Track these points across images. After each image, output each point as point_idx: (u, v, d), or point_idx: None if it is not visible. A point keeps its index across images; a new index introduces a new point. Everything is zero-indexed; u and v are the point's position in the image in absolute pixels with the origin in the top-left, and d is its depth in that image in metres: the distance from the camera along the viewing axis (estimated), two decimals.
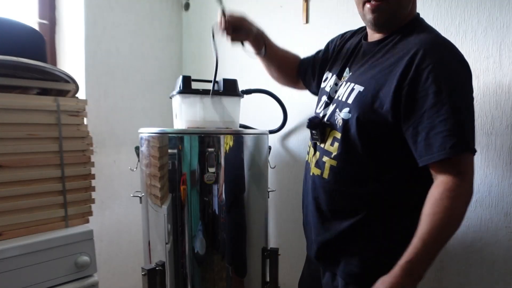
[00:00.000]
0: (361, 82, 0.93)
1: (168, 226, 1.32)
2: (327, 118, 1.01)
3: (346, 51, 1.08)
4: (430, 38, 0.89)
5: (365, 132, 0.90)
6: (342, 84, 1.01)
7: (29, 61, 1.21)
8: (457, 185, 0.81)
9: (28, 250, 1.19)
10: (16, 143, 1.22)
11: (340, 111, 0.96)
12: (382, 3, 0.91)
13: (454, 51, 0.88)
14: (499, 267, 1.21)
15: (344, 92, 0.97)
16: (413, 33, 0.91)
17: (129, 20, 1.96)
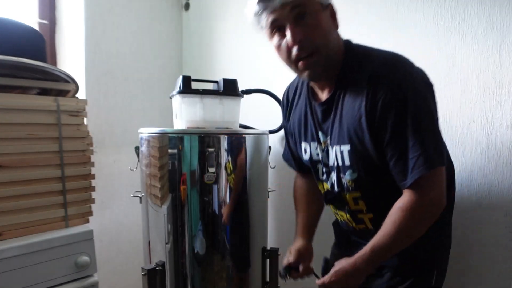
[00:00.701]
0: (344, 141, 0.91)
1: (168, 226, 1.32)
2: (336, 186, 1.00)
3: (305, 118, 1.04)
4: (374, 67, 0.85)
5: (377, 176, 0.91)
6: (326, 149, 0.99)
7: (29, 61, 1.21)
8: (416, 203, 0.83)
9: (28, 250, 1.19)
10: (16, 143, 1.22)
11: (344, 175, 0.95)
12: (312, 57, 0.88)
13: (402, 69, 0.85)
14: (499, 267, 1.21)
15: (335, 156, 0.95)
16: (356, 68, 0.89)
17: (129, 20, 1.96)
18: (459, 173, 1.27)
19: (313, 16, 0.85)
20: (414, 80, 0.83)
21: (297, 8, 0.84)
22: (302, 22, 0.85)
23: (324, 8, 0.87)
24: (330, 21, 0.89)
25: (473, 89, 1.22)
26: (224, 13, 1.99)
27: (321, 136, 0.99)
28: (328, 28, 0.88)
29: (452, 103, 1.27)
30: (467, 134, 1.24)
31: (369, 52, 0.91)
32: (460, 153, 1.26)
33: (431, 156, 0.80)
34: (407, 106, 0.80)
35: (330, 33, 0.89)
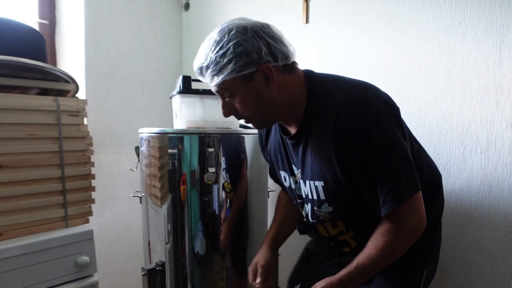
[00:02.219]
0: (317, 177, 0.91)
1: (168, 226, 1.32)
2: (311, 218, 1.00)
3: (279, 149, 1.03)
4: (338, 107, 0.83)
5: (354, 204, 0.92)
6: (300, 182, 0.98)
7: (29, 61, 1.21)
8: (395, 231, 0.85)
9: (28, 250, 1.19)
10: (16, 143, 1.22)
11: (319, 208, 0.95)
12: (248, 122, 0.91)
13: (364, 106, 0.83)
14: (499, 267, 1.21)
15: (309, 190, 0.95)
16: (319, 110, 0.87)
17: (129, 20, 1.96)
18: (459, 173, 1.27)
19: (236, 96, 0.86)
20: (377, 115, 0.82)
21: (221, 90, 0.87)
22: (229, 101, 0.88)
23: (248, 80, 0.83)
24: (261, 88, 0.84)
25: (473, 89, 1.22)
26: (224, 13, 1.99)
27: (294, 168, 0.99)
28: (257, 98, 0.85)
29: (452, 103, 1.27)
30: (467, 134, 1.24)
31: (331, 89, 0.88)
32: (460, 153, 1.26)
33: (401, 190, 0.81)
34: (372, 146, 0.80)
35: (261, 101, 0.86)
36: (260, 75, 0.83)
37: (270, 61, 0.83)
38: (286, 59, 0.86)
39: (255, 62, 0.81)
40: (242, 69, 0.81)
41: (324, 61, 1.58)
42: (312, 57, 1.62)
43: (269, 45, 0.82)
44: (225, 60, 0.81)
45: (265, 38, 0.82)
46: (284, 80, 0.86)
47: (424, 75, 1.32)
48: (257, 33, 0.82)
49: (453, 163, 1.28)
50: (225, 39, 0.82)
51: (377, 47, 1.42)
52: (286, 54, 0.85)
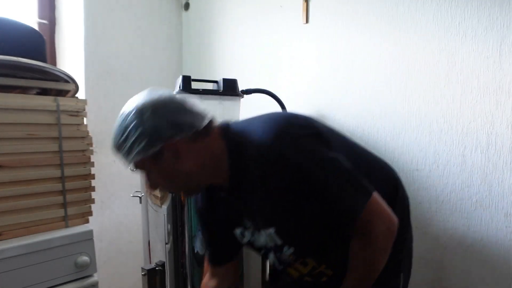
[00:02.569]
0: (266, 224, 0.90)
1: (168, 226, 1.32)
2: (278, 264, 0.98)
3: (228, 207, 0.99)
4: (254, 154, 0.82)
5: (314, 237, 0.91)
6: (254, 233, 0.97)
7: (29, 61, 1.21)
8: (367, 244, 0.84)
9: (28, 250, 1.19)
10: (16, 143, 1.22)
11: (281, 253, 0.93)
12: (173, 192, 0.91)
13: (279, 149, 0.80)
14: (499, 267, 1.20)
15: (266, 239, 0.93)
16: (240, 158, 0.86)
17: (129, 20, 1.96)
18: (459, 173, 1.27)
19: (152, 172, 0.86)
20: (293, 146, 0.80)
21: (137, 168, 0.86)
22: (148, 176, 0.88)
23: (158, 159, 0.83)
24: (173, 163, 0.84)
25: (473, 89, 1.22)
26: (224, 13, 1.98)
27: (246, 222, 0.97)
28: (172, 173, 0.85)
29: (452, 103, 1.27)
30: (467, 134, 1.24)
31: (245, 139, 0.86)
32: (460, 153, 1.26)
33: (352, 203, 0.80)
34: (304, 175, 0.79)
35: (177, 174, 0.86)
36: (169, 151, 0.82)
37: (175, 135, 0.81)
38: (193, 128, 0.83)
39: (158, 140, 0.80)
40: (146, 150, 0.80)
41: (324, 61, 1.58)
42: (312, 57, 1.62)
43: (170, 120, 0.81)
44: (128, 144, 0.81)
45: (165, 115, 0.81)
46: (197, 147, 0.85)
47: (424, 75, 1.32)
48: (156, 111, 0.81)
49: (453, 163, 1.28)
50: (125, 124, 0.82)
51: (377, 47, 1.42)
52: (192, 124, 0.83)
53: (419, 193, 1.35)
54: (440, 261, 1.32)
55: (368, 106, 1.46)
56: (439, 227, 1.32)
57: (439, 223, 1.32)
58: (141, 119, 0.80)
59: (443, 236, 1.31)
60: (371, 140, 1.45)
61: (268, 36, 1.78)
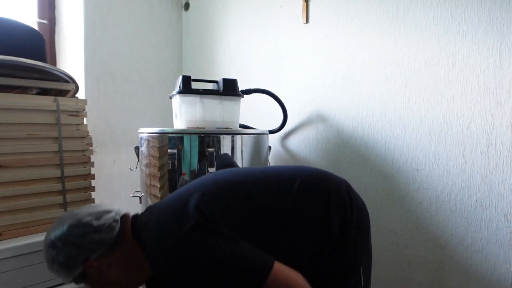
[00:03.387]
0: None
1: None
2: None
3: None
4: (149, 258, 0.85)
5: None
6: None
7: (29, 61, 1.21)
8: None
9: (28, 250, 1.19)
10: (16, 143, 1.22)
11: None
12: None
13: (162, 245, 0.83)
14: (499, 267, 1.20)
15: None
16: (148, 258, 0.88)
17: (129, 20, 1.96)
18: (459, 173, 1.27)
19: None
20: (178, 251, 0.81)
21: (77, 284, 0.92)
22: None
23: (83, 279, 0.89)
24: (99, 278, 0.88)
25: (473, 89, 1.22)
26: (224, 13, 1.98)
27: None
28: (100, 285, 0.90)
29: (452, 103, 1.27)
30: (467, 134, 1.24)
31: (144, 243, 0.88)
32: (460, 153, 1.26)
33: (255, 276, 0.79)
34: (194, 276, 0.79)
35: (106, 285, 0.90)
36: (90, 271, 0.87)
37: (90, 255, 0.86)
38: (104, 244, 0.87)
39: (75, 266, 0.86)
40: (69, 276, 0.87)
41: (324, 61, 1.58)
42: (312, 57, 1.62)
43: (79, 245, 0.86)
44: (55, 273, 0.88)
45: (73, 242, 0.86)
46: (115, 258, 0.88)
47: (424, 75, 1.32)
48: (65, 240, 0.86)
49: (453, 163, 1.28)
50: (46, 258, 0.88)
51: (377, 47, 1.42)
52: (101, 241, 0.87)
53: (419, 193, 1.35)
54: (440, 261, 1.32)
55: (368, 106, 1.46)
56: (439, 227, 1.32)
57: (439, 223, 1.32)
58: (54, 252, 0.86)
59: (443, 236, 1.31)
60: (371, 140, 1.46)
61: (268, 36, 1.78)
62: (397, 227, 1.41)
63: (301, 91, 1.67)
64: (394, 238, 1.42)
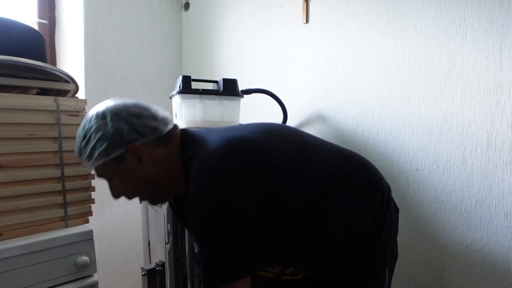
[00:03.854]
0: None
1: (168, 226, 1.32)
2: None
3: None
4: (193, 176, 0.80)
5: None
6: None
7: (29, 61, 1.21)
8: None
9: (28, 250, 1.19)
10: (16, 143, 1.22)
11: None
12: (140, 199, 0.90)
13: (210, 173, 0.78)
14: (499, 267, 1.20)
15: None
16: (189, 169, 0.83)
17: (129, 20, 1.96)
18: (459, 173, 1.27)
19: (114, 178, 0.86)
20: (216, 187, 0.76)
21: (99, 175, 0.88)
22: (111, 183, 0.88)
23: (119, 162, 0.83)
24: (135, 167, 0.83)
25: (473, 89, 1.22)
26: (224, 13, 1.98)
27: None
28: (134, 178, 0.85)
29: (452, 103, 1.27)
30: (467, 134, 1.24)
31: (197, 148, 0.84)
32: (460, 153, 1.26)
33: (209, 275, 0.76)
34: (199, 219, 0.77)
35: (139, 179, 0.85)
36: (131, 155, 0.82)
37: (137, 139, 0.82)
38: (156, 133, 0.84)
39: (119, 143, 0.81)
40: (108, 153, 0.81)
41: (324, 61, 1.58)
42: (312, 57, 1.62)
43: (132, 123, 0.82)
44: (90, 148, 0.82)
45: (126, 118, 0.82)
46: (160, 153, 0.84)
47: (424, 75, 1.32)
48: (118, 114, 0.82)
49: (453, 163, 1.28)
50: (87, 127, 0.83)
51: (377, 47, 1.42)
52: (155, 128, 0.84)
53: (419, 193, 1.35)
54: (440, 261, 1.32)
55: (368, 106, 1.46)
56: (439, 227, 1.32)
57: (439, 223, 1.32)
58: (103, 122, 0.81)
59: (443, 236, 1.31)
60: (371, 140, 1.46)
61: (268, 36, 1.78)
62: None
63: (301, 91, 1.67)
64: None
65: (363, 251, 0.90)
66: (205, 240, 0.78)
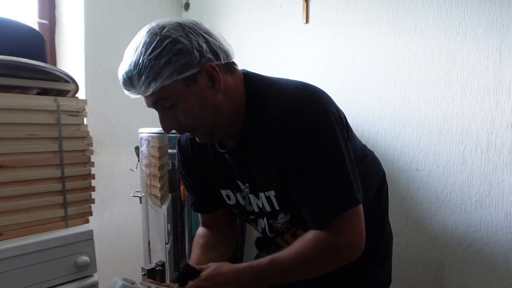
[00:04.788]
0: (267, 187, 0.83)
1: (168, 226, 1.32)
2: (269, 232, 0.91)
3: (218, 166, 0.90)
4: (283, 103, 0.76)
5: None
6: (249, 196, 0.88)
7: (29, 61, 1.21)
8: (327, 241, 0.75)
9: (28, 250, 1.19)
10: (16, 143, 1.22)
11: (276, 219, 0.87)
12: (193, 133, 0.81)
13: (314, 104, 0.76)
14: (499, 267, 1.21)
15: (262, 202, 0.86)
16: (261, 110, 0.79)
17: (129, 20, 1.96)
18: (459, 173, 1.27)
19: (179, 104, 0.74)
20: (325, 115, 0.76)
21: (159, 100, 0.75)
22: (168, 112, 0.76)
23: (191, 83, 0.73)
24: (206, 91, 0.74)
25: (473, 89, 1.22)
26: (224, 13, 1.98)
27: (239, 184, 0.88)
28: (203, 104, 0.75)
29: (452, 103, 1.27)
30: (467, 134, 1.24)
31: (271, 90, 0.80)
32: (460, 153, 1.26)
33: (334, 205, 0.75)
34: (312, 147, 0.74)
35: (207, 106, 0.76)
36: (204, 76, 0.73)
37: (212, 59, 0.73)
38: (228, 57, 0.77)
39: (197, 61, 0.71)
40: (183, 70, 0.70)
41: (324, 61, 1.58)
42: (312, 57, 1.62)
43: (209, 41, 0.73)
44: (162, 62, 0.69)
45: (202, 35, 0.72)
46: (228, 81, 0.77)
47: (424, 75, 1.32)
48: (193, 29, 0.72)
49: (453, 163, 1.28)
50: (158, 38, 0.70)
51: (377, 47, 1.42)
52: (227, 52, 0.76)
53: (419, 193, 1.35)
54: (440, 261, 1.32)
55: (368, 106, 1.46)
56: (439, 227, 1.32)
57: (439, 223, 1.32)
58: (180, 34, 0.70)
59: (443, 236, 1.31)
60: (371, 140, 1.45)
61: (268, 36, 1.78)
62: (397, 227, 1.41)
63: None
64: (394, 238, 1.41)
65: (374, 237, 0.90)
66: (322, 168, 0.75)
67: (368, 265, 0.88)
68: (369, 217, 0.83)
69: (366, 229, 0.79)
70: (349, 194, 0.76)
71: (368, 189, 0.88)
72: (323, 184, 0.76)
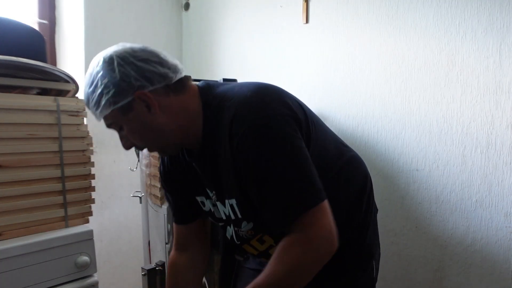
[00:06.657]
0: (229, 195, 0.85)
1: (168, 226, 1.32)
2: (236, 239, 0.93)
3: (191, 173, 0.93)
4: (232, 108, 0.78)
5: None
6: (217, 204, 0.91)
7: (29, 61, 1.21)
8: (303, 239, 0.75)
9: (28, 250, 1.19)
10: (16, 143, 1.22)
11: (241, 228, 0.88)
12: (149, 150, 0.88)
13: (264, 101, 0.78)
14: (499, 267, 1.21)
15: (228, 211, 0.88)
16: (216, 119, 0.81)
17: (129, 20, 1.96)
18: (459, 173, 1.27)
19: (123, 128, 0.82)
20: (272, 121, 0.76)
21: (110, 125, 0.84)
22: (121, 133, 0.85)
23: (127, 111, 0.78)
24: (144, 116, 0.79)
25: (473, 89, 1.22)
26: (224, 13, 1.99)
27: (208, 191, 0.92)
28: (143, 127, 0.81)
29: (452, 103, 1.27)
30: (467, 134, 1.24)
31: (225, 96, 0.82)
32: (460, 153, 1.26)
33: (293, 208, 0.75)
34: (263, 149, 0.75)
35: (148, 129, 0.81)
36: (139, 102, 0.77)
37: (145, 85, 0.77)
38: (166, 80, 0.79)
39: (127, 90, 0.76)
40: (116, 101, 0.76)
41: (324, 61, 1.58)
42: (312, 57, 1.62)
43: (140, 69, 0.77)
44: (97, 95, 0.77)
45: (134, 63, 0.77)
46: (170, 101, 0.80)
47: (424, 75, 1.32)
48: (124, 59, 0.77)
49: (453, 163, 1.28)
50: (94, 73, 0.77)
51: (377, 47, 1.42)
52: (164, 75, 0.79)
53: (419, 193, 1.35)
54: (440, 261, 1.32)
55: (368, 106, 1.46)
56: (439, 227, 1.32)
57: (439, 223, 1.32)
58: (109, 68, 0.76)
59: (443, 236, 1.31)
60: (371, 140, 1.46)
61: (268, 36, 1.78)
62: (397, 227, 1.41)
63: (301, 91, 1.67)
64: (394, 238, 1.42)
65: (355, 241, 0.91)
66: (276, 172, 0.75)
67: (349, 268, 0.90)
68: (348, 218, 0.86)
69: (344, 231, 0.80)
70: (307, 194, 0.75)
71: (345, 189, 0.89)
72: (278, 189, 0.75)
